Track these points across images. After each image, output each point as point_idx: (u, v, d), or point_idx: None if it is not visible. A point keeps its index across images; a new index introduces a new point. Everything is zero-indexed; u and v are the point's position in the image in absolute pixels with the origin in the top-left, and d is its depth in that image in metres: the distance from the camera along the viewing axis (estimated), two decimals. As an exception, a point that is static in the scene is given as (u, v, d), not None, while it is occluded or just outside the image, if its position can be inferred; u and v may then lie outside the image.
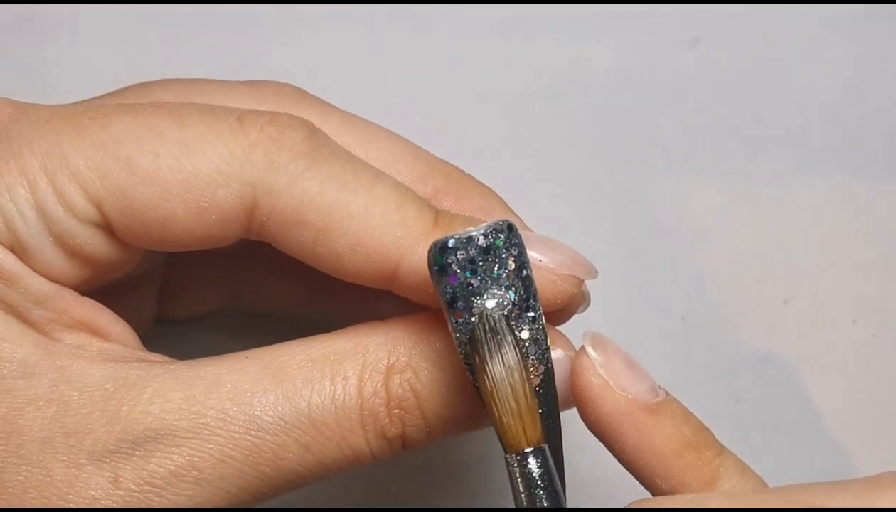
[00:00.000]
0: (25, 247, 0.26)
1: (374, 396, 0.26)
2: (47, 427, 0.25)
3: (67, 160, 0.25)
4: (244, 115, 0.26)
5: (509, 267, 0.25)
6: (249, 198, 0.26)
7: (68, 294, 0.26)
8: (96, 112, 0.26)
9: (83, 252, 0.26)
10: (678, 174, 0.37)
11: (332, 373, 0.26)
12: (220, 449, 0.25)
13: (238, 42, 0.37)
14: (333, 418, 0.26)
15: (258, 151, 0.26)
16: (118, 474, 0.25)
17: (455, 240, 0.25)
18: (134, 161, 0.25)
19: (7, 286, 0.25)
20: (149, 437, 0.25)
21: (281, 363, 0.26)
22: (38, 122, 0.26)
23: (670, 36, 0.37)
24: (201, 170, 0.26)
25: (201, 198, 0.26)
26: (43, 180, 0.25)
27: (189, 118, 0.26)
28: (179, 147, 0.26)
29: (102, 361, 0.26)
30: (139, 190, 0.25)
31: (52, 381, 0.25)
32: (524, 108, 0.37)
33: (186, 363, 0.26)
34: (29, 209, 0.25)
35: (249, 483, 0.26)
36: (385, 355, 0.26)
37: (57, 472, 0.25)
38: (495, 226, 0.25)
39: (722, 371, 0.36)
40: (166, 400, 0.25)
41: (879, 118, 0.37)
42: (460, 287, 0.25)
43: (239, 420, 0.25)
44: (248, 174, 0.26)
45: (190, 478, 0.25)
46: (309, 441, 0.26)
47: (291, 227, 0.26)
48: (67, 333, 0.26)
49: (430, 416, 0.26)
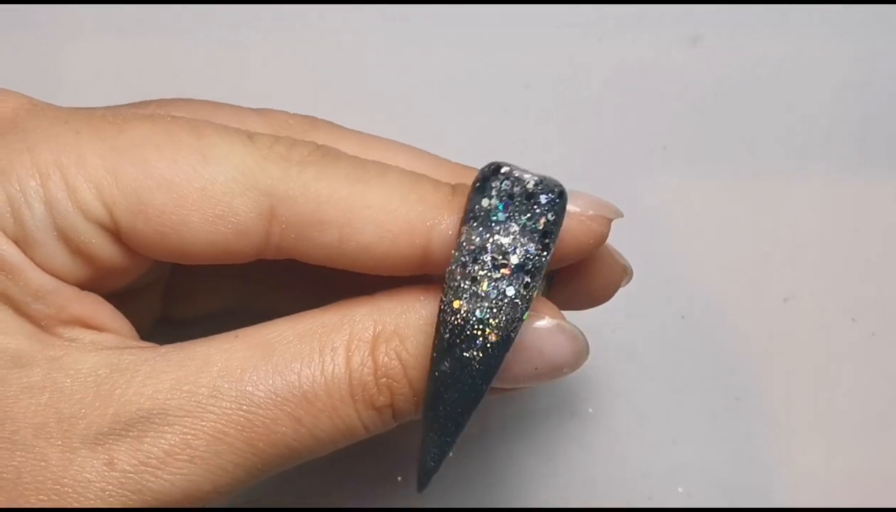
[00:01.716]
0: (30, 239, 0.26)
1: (361, 366, 0.26)
2: (41, 413, 0.25)
3: (84, 159, 0.25)
4: (253, 134, 0.27)
5: (537, 226, 0.25)
6: (266, 207, 0.26)
7: (68, 290, 0.26)
8: (115, 116, 0.26)
9: (86, 251, 0.26)
10: (678, 173, 0.37)
11: (320, 345, 0.26)
12: (213, 426, 0.25)
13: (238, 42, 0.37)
14: (324, 390, 0.26)
15: (270, 163, 0.26)
16: (113, 456, 0.25)
17: (508, 168, 0.25)
18: (152, 166, 0.25)
19: (7, 278, 0.25)
20: (141, 417, 0.25)
21: (270, 340, 0.26)
22: (57, 120, 0.26)
23: (670, 34, 0.37)
24: (218, 179, 0.26)
25: (217, 206, 0.26)
26: (56, 175, 0.25)
27: (205, 129, 0.26)
28: (197, 156, 0.26)
29: (95, 350, 0.26)
30: (155, 195, 0.25)
31: (46, 370, 0.25)
32: (524, 108, 0.37)
33: (176, 346, 0.26)
34: (38, 202, 0.25)
35: (244, 459, 0.26)
36: (371, 325, 0.26)
37: (52, 456, 0.25)
38: (551, 182, 0.25)
39: (722, 370, 0.36)
40: (158, 381, 0.25)
41: (879, 118, 0.37)
42: (487, 211, 0.25)
43: (231, 396, 0.25)
44: (264, 184, 0.26)
45: (184, 456, 0.25)
46: (301, 414, 0.26)
47: (313, 230, 0.26)
48: (63, 328, 0.26)
49: (417, 383, 0.26)
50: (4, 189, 0.25)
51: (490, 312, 0.25)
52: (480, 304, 0.25)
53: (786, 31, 0.37)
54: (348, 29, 0.37)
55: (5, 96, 0.27)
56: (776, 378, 0.36)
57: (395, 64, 0.37)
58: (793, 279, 0.36)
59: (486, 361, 0.25)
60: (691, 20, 0.37)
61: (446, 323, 0.25)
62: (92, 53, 0.37)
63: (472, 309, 0.25)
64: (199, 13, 0.37)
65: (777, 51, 0.37)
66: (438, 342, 0.25)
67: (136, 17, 0.37)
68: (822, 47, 0.37)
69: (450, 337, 0.25)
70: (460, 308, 0.25)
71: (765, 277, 0.37)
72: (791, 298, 0.36)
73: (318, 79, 0.37)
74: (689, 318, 0.36)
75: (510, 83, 0.37)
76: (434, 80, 0.37)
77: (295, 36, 0.37)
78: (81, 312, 0.27)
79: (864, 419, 0.36)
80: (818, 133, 0.37)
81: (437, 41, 0.37)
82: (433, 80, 0.37)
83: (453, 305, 0.25)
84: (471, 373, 0.25)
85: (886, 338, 0.36)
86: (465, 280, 0.25)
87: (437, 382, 0.25)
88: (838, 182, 0.37)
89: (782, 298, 0.36)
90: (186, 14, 0.37)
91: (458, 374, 0.25)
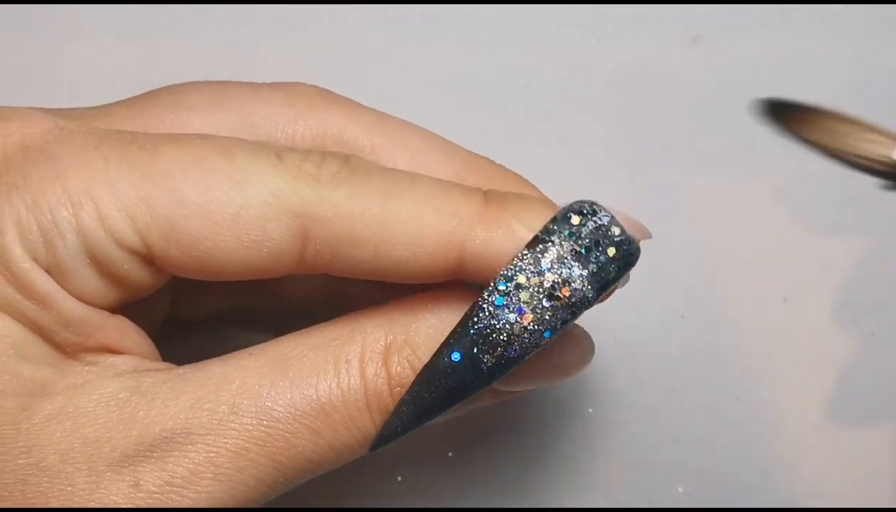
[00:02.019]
0: (63, 268, 0.25)
1: (375, 376, 0.26)
2: (66, 439, 0.25)
3: (116, 188, 0.25)
4: (281, 152, 0.27)
5: (604, 275, 0.26)
6: (300, 229, 0.26)
7: (97, 317, 0.26)
8: (144, 141, 0.26)
9: (118, 276, 0.26)
10: (678, 173, 0.37)
11: (334, 358, 0.26)
12: (235, 442, 0.26)
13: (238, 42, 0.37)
14: (341, 402, 0.26)
15: (301, 184, 0.26)
16: (138, 478, 0.25)
17: (597, 209, 0.26)
18: (184, 193, 0.25)
19: (40, 308, 0.25)
20: (165, 438, 0.25)
21: (284, 355, 0.27)
22: (86, 146, 0.26)
23: (670, 34, 0.37)
24: (251, 203, 0.26)
25: (252, 231, 0.26)
26: (88, 204, 0.25)
27: (235, 150, 0.26)
28: (229, 181, 0.26)
29: (114, 375, 0.26)
30: (189, 222, 0.25)
31: (68, 397, 0.26)
32: (524, 108, 0.37)
33: (193, 366, 0.27)
34: (70, 231, 0.25)
35: (266, 473, 0.26)
36: (382, 336, 0.27)
37: (78, 481, 0.25)
38: (634, 241, 0.26)
39: (722, 370, 0.36)
40: (178, 401, 0.26)
41: (879, 118, 0.37)
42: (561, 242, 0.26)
43: (251, 412, 0.26)
44: (296, 206, 0.26)
45: (209, 474, 0.25)
46: (320, 426, 0.26)
47: (348, 249, 0.26)
48: (88, 354, 0.27)
49: None
50: (36, 219, 0.25)
51: (523, 329, 0.25)
52: (516, 317, 0.25)
53: (786, 31, 0.37)
54: (348, 29, 0.37)
55: (31, 121, 0.27)
56: (776, 378, 0.36)
57: (395, 64, 0.37)
58: (793, 279, 0.36)
59: (495, 369, 0.26)
60: (691, 20, 0.37)
61: (478, 319, 0.25)
62: (92, 53, 0.37)
63: (508, 320, 0.25)
64: (199, 13, 0.37)
65: (777, 51, 0.37)
66: (461, 331, 0.26)
67: (136, 17, 0.37)
68: (822, 47, 0.37)
69: (474, 334, 0.25)
70: (494, 312, 0.25)
71: (765, 276, 0.37)
72: (791, 297, 0.36)
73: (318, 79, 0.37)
74: (689, 318, 0.36)
75: (510, 83, 0.37)
76: (434, 80, 0.37)
77: (295, 36, 0.37)
78: (107, 340, 0.27)
79: (864, 419, 0.36)
80: (818, 133, 0.37)
81: (437, 41, 0.37)
82: (433, 80, 0.37)
83: (490, 304, 0.25)
84: (477, 373, 0.26)
85: (886, 338, 0.36)
86: (515, 293, 0.25)
87: (441, 367, 0.26)
88: (838, 181, 0.37)
89: (782, 297, 0.36)
90: (186, 14, 0.37)
91: (464, 369, 0.26)
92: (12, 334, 0.25)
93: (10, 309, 0.25)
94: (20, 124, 0.26)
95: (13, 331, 0.25)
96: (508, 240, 0.26)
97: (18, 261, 0.25)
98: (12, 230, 0.25)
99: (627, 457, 0.36)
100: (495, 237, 0.26)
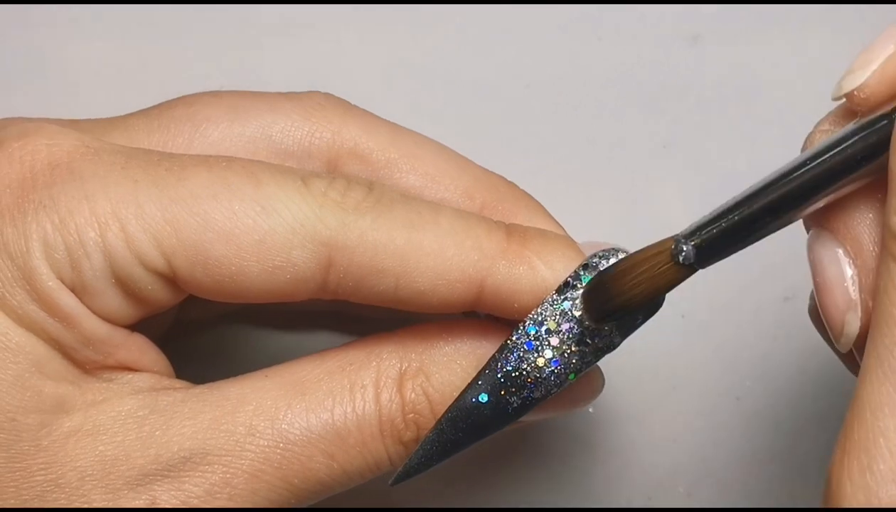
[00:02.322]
0: (88, 288, 0.26)
1: (390, 402, 0.27)
2: (84, 456, 0.26)
3: (143, 210, 0.26)
4: (307, 178, 0.27)
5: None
6: (324, 257, 0.26)
7: (118, 336, 0.27)
8: (171, 163, 0.26)
9: (141, 296, 0.26)
10: (678, 173, 0.37)
11: (350, 383, 0.27)
12: (251, 464, 0.26)
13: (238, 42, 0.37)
14: (355, 426, 0.27)
15: (327, 212, 0.26)
16: (155, 496, 0.25)
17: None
18: (211, 218, 0.26)
19: (63, 327, 0.26)
20: (183, 458, 0.26)
21: (300, 378, 0.27)
22: (114, 166, 0.26)
23: (670, 34, 0.37)
24: (277, 230, 0.26)
25: (277, 257, 0.26)
26: (115, 226, 0.25)
27: (262, 175, 0.26)
28: (255, 207, 0.26)
29: (132, 393, 0.27)
30: (215, 247, 0.26)
31: (87, 414, 0.26)
32: (524, 108, 0.37)
33: (209, 386, 0.27)
34: (97, 252, 0.25)
35: (279, 495, 0.26)
36: (397, 362, 0.27)
37: (95, 499, 0.25)
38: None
39: (722, 369, 0.36)
40: (196, 421, 0.26)
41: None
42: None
43: (267, 435, 0.26)
44: (321, 234, 0.26)
45: (224, 495, 0.26)
46: (334, 450, 0.26)
47: (371, 279, 0.26)
48: (106, 372, 0.27)
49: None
50: (63, 238, 0.25)
51: (549, 372, 0.26)
52: (546, 363, 0.26)
53: (786, 31, 0.37)
54: (348, 29, 0.37)
55: (59, 139, 0.27)
56: (776, 378, 0.36)
57: (395, 64, 0.37)
58: (793, 279, 0.36)
59: (520, 409, 0.26)
60: (691, 20, 0.37)
61: (507, 361, 0.26)
62: (92, 53, 0.37)
63: (536, 363, 0.26)
64: (199, 13, 0.37)
65: (777, 51, 0.37)
66: (489, 373, 0.26)
67: (136, 17, 0.37)
68: (822, 47, 0.37)
69: (502, 376, 0.26)
70: (527, 356, 0.26)
71: (765, 276, 0.37)
72: (791, 297, 0.36)
73: (318, 79, 0.37)
74: (689, 317, 0.36)
75: (510, 83, 0.37)
76: (434, 80, 0.37)
77: (295, 36, 0.37)
78: (127, 358, 0.27)
79: (863, 419, 0.36)
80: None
81: (437, 41, 0.37)
82: (433, 80, 0.37)
83: (521, 351, 0.26)
84: (502, 413, 0.26)
85: (886, 338, 0.36)
86: (545, 337, 0.26)
87: (468, 406, 0.26)
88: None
89: (782, 297, 0.36)
90: (186, 14, 0.37)
91: (490, 410, 0.26)
92: (35, 352, 0.26)
93: (33, 326, 0.26)
94: (47, 142, 0.26)
95: (36, 348, 0.26)
96: (529, 277, 0.26)
97: (44, 280, 0.25)
98: (39, 249, 0.25)
99: (627, 457, 0.36)
100: (516, 274, 0.26)
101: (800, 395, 0.36)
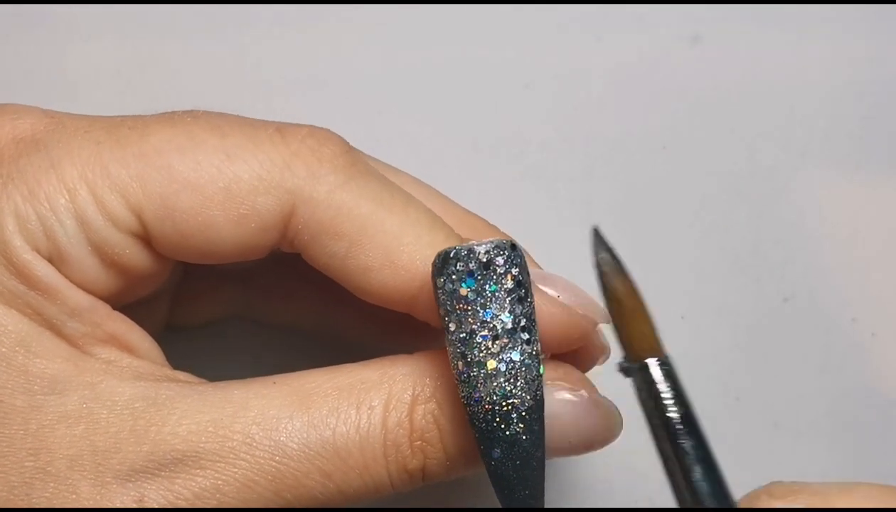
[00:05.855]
0: (64, 257, 0.26)
1: (398, 426, 0.26)
2: (76, 444, 0.25)
3: (108, 170, 0.25)
4: (283, 127, 0.27)
5: (506, 285, 0.25)
6: (288, 206, 0.26)
7: (102, 307, 0.26)
8: (135, 122, 0.26)
9: (120, 262, 0.26)
10: (678, 173, 0.37)
11: (357, 402, 0.26)
12: (245, 473, 0.25)
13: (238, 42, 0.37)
14: (357, 448, 0.26)
15: (298, 161, 0.26)
16: (143, 494, 0.25)
17: (456, 251, 0.25)
18: (175, 169, 0.26)
19: (44, 299, 0.25)
20: (175, 458, 0.25)
21: (308, 390, 0.26)
22: (77, 131, 0.26)
23: (670, 34, 0.37)
24: (242, 177, 0.26)
25: (242, 205, 0.26)
26: (83, 189, 0.25)
27: (228, 128, 0.26)
28: (220, 155, 0.26)
29: (132, 379, 0.26)
30: (180, 198, 0.25)
31: (82, 398, 0.25)
32: (524, 108, 0.37)
33: (214, 385, 0.27)
34: (69, 219, 0.25)
35: (269, 507, 0.26)
36: (411, 386, 0.26)
37: (83, 490, 0.25)
38: (498, 243, 0.25)
39: (722, 370, 0.36)
40: (194, 422, 0.25)
41: (879, 117, 0.37)
42: (456, 297, 0.25)
43: (264, 445, 0.25)
44: (289, 182, 0.26)
45: (213, 501, 0.25)
46: (332, 470, 0.26)
47: (325, 238, 0.26)
48: (99, 347, 0.26)
49: (452, 449, 0.26)
50: (35, 209, 0.25)
51: (509, 383, 0.25)
52: (497, 381, 0.25)
53: (786, 31, 0.37)
54: (348, 29, 0.37)
55: (21, 113, 0.27)
56: (776, 378, 0.36)
57: (394, 64, 0.37)
58: (793, 279, 0.36)
59: (531, 427, 0.25)
60: (691, 20, 0.37)
61: (476, 415, 0.25)
62: (92, 53, 0.37)
63: (493, 390, 0.25)
64: (199, 13, 0.37)
65: (777, 51, 0.37)
66: (479, 435, 0.25)
67: (136, 18, 0.37)
68: (822, 47, 0.37)
69: (486, 426, 0.25)
70: (482, 397, 0.25)
71: (764, 276, 0.37)
72: (791, 297, 0.36)
73: (317, 79, 0.37)
74: (689, 318, 0.36)
75: (510, 83, 0.37)
76: (434, 80, 0.37)
77: (294, 36, 0.37)
78: (115, 330, 0.27)
79: (864, 419, 0.36)
80: (818, 133, 0.37)
81: (437, 41, 0.37)
82: (433, 80, 0.37)
83: (473, 396, 0.25)
84: (523, 446, 0.25)
85: (886, 338, 0.36)
86: (471, 369, 0.25)
87: (498, 469, 0.25)
88: (838, 182, 0.37)
89: (782, 297, 0.36)
90: (186, 14, 0.37)
91: (512, 453, 0.25)
92: (18, 329, 0.25)
93: (14, 302, 0.25)
94: (11, 117, 0.26)
95: (20, 325, 0.25)
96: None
97: (20, 252, 0.25)
98: (11, 222, 0.25)
99: (627, 457, 0.36)
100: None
101: (800, 395, 0.36)
